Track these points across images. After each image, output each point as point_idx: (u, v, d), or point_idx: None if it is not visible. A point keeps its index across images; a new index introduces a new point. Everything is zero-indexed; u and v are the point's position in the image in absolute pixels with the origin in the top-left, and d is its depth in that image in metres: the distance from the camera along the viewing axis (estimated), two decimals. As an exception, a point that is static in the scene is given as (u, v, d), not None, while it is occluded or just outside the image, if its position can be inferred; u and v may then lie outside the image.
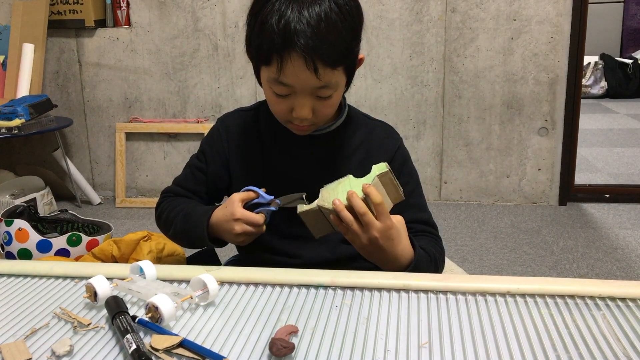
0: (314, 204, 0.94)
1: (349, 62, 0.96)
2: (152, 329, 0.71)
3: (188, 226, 1.06)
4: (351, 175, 0.95)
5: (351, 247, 1.08)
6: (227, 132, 1.13)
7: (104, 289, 0.78)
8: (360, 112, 1.15)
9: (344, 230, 0.93)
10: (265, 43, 0.92)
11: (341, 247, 1.08)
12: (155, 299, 0.72)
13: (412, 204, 1.06)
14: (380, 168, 0.93)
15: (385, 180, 0.93)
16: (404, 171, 1.09)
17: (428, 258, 1.01)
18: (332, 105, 1.00)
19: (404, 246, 0.95)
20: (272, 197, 1.00)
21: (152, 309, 0.73)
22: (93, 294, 0.78)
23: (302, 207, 0.95)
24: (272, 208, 1.00)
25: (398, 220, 0.95)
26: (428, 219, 1.10)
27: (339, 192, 0.93)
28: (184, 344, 0.67)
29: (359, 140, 1.10)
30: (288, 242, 1.08)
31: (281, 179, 1.08)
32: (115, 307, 0.73)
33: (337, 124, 1.09)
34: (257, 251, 1.10)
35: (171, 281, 0.86)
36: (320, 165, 1.08)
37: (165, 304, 0.72)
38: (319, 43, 0.89)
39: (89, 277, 0.80)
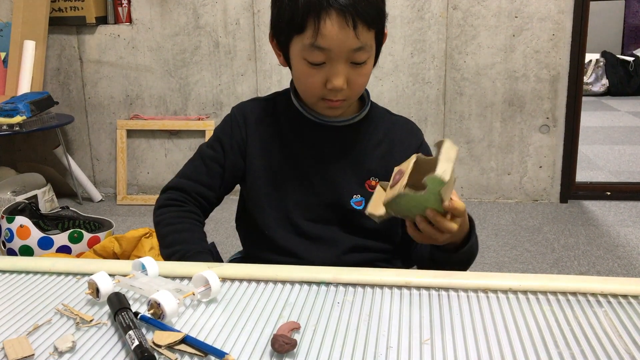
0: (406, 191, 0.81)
1: (381, 27, 0.97)
2: (155, 325, 0.71)
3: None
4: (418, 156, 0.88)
5: (359, 255, 1.06)
6: (245, 119, 1.10)
7: (106, 286, 0.78)
8: (382, 107, 1.14)
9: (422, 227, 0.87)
10: (301, 7, 0.92)
11: (350, 255, 1.06)
12: (158, 295, 0.72)
13: None
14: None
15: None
16: None
17: (476, 240, 1.00)
18: (365, 74, 0.99)
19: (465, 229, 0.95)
20: None
21: (155, 306, 0.73)
22: (95, 291, 0.78)
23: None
24: None
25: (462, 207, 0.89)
26: None
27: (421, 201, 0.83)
28: (187, 340, 0.67)
29: (382, 134, 1.09)
30: (298, 242, 1.06)
31: (300, 169, 1.07)
32: (118, 303, 0.73)
33: (360, 116, 1.08)
34: (262, 249, 1.09)
35: (173, 278, 0.86)
36: (341, 157, 1.07)
37: (168, 301, 0.72)
38: (357, 0, 0.91)
39: (91, 274, 0.80)
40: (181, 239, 1.04)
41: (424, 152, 1.09)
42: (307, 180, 1.06)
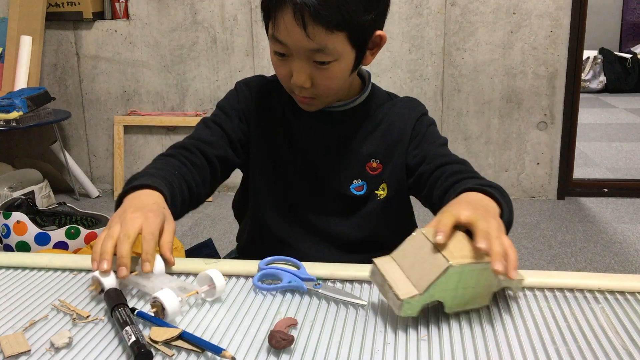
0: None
1: (354, 30, 0.88)
2: (151, 321, 0.71)
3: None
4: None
5: (361, 255, 1.05)
6: (251, 93, 1.08)
7: (110, 282, 0.77)
8: (385, 91, 1.11)
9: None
10: None
11: (348, 255, 1.05)
12: (160, 294, 0.71)
13: (441, 153, 1.01)
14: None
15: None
16: (428, 133, 1.04)
17: (499, 190, 0.88)
18: (332, 78, 0.93)
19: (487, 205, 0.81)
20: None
21: (157, 305, 0.72)
22: (99, 287, 0.77)
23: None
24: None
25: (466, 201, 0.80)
26: (458, 159, 1.01)
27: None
28: (183, 336, 0.67)
29: (381, 116, 1.06)
30: (294, 231, 1.05)
31: (300, 155, 1.05)
32: (115, 299, 0.73)
33: (360, 99, 1.05)
34: (257, 241, 1.09)
35: (178, 275, 0.86)
36: (340, 142, 1.05)
37: (170, 301, 0.71)
38: (315, 1, 0.83)
39: (88, 270, 0.79)
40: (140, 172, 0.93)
41: (422, 124, 1.05)
42: (306, 166, 1.05)
